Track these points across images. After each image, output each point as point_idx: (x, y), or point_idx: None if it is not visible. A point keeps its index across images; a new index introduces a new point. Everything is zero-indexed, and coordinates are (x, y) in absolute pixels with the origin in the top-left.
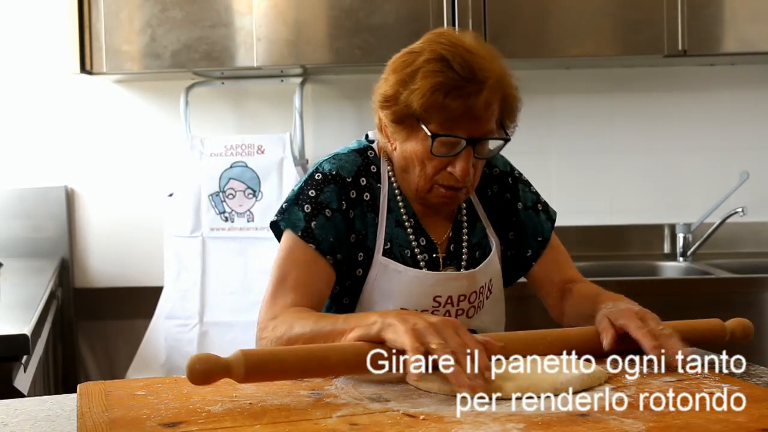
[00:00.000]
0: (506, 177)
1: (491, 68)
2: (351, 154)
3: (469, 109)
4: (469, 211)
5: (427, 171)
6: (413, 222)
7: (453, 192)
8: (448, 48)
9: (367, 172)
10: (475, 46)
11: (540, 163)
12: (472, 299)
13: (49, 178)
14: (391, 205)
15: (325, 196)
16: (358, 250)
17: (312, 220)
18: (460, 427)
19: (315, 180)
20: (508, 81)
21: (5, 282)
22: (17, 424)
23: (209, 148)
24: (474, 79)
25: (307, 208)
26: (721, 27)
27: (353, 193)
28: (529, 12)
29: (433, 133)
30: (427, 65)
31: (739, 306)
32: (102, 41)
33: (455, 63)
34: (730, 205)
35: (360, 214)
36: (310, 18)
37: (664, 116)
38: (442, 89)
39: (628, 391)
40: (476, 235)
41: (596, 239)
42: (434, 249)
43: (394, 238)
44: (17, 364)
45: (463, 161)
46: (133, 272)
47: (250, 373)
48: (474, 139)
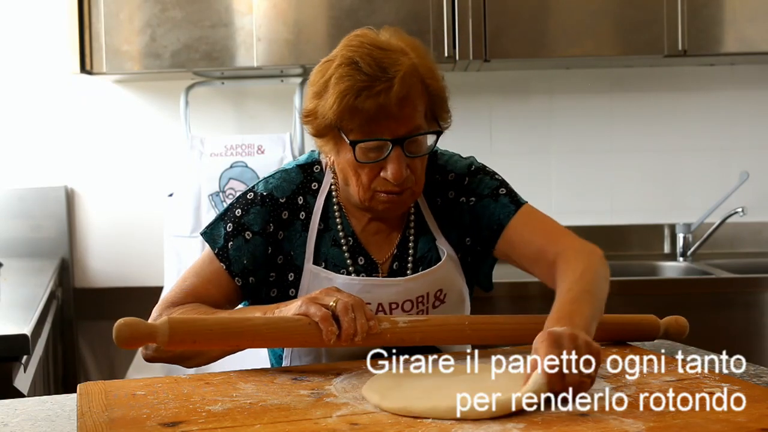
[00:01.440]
0: (462, 179)
1: (402, 61)
2: (293, 171)
3: (382, 108)
4: (417, 224)
5: (363, 180)
6: (351, 241)
7: (395, 196)
8: (357, 49)
9: (305, 191)
10: (387, 42)
11: (540, 163)
12: (406, 307)
13: (49, 178)
14: (330, 223)
15: (249, 218)
16: (288, 271)
17: (230, 240)
18: (460, 427)
19: (246, 199)
20: (425, 71)
21: (5, 282)
22: (17, 424)
23: (209, 148)
24: (383, 77)
25: (229, 227)
26: (721, 27)
27: (285, 213)
28: (529, 12)
29: (352, 140)
30: (337, 71)
31: (739, 306)
32: (102, 41)
33: (363, 63)
34: (730, 205)
35: (291, 234)
36: (310, 18)
37: (664, 116)
38: (351, 92)
39: (628, 391)
40: (422, 248)
41: (596, 239)
42: (375, 268)
43: (329, 258)
44: (17, 364)
45: (393, 164)
46: (133, 272)
47: (174, 340)
48: (399, 138)
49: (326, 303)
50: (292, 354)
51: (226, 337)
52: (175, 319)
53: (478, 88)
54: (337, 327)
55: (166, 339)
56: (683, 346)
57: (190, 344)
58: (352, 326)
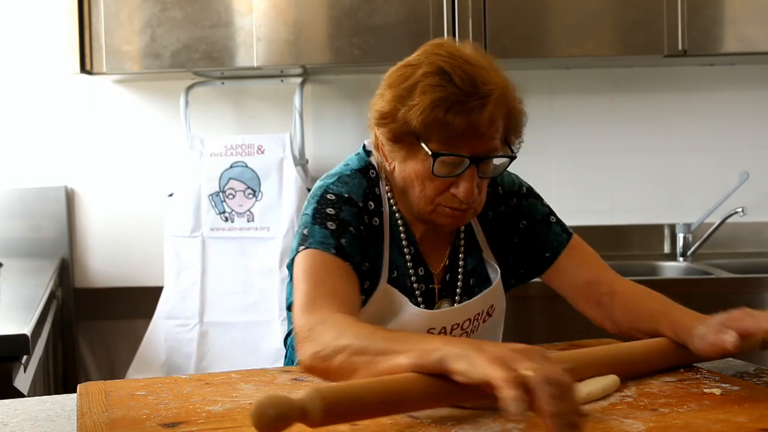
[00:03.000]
0: (512, 197)
1: (494, 81)
2: (356, 176)
3: (472, 125)
4: (467, 236)
5: (428, 192)
6: (413, 250)
7: (459, 212)
8: (448, 60)
9: (372, 196)
10: (475, 58)
11: (540, 163)
12: (465, 326)
13: (49, 178)
14: (394, 231)
15: (345, 215)
16: (366, 279)
17: (341, 237)
18: (460, 427)
19: (328, 200)
20: (512, 94)
21: (5, 282)
22: (17, 424)
23: (209, 148)
24: (477, 94)
25: (331, 225)
26: (721, 27)
27: (366, 218)
28: (529, 12)
29: (434, 152)
30: (426, 79)
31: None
32: (102, 41)
33: (456, 76)
34: (730, 205)
35: (371, 241)
36: (310, 18)
37: (664, 116)
38: (442, 105)
39: (628, 391)
40: (472, 262)
41: (596, 239)
42: (431, 279)
43: (398, 267)
44: (17, 364)
45: (466, 182)
46: (133, 272)
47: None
48: (478, 157)
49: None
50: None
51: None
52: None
53: None
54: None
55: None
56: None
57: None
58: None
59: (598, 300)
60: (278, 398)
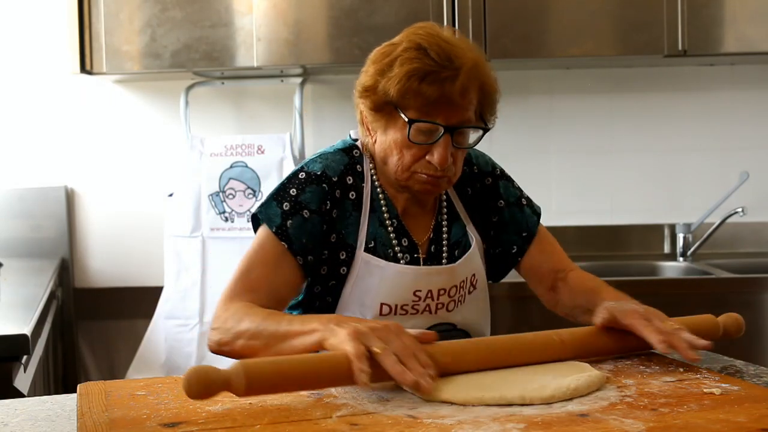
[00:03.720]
0: (486, 176)
1: (468, 56)
2: (337, 153)
3: (445, 95)
4: (449, 210)
5: (405, 160)
6: (395, 222)
7: (433, 179)
8: (425, 38)
9: (353, 171)
10: (452, 38)
11: (540, 163)
12: (452, 293)
13: (49, 178)
14: (375, 204)
15: (306, 196)
16: (340, 249)
17: (288, 219)
18: (460, 427)
19: (298, 179)
20: (485, 70)
21: (5, 282)
22: (17, 424)
23: (209, 148)
24: (450, 66)
25: (286, 206)
26: (721, 27)
27: (338, 192)
28: (529, 12)
29: (410, 119)
30: (405, 53)
31: (738, 306)
32: (102, 41)
33: (432, 51)
34: (730, 205)
35: (343, 213)
36: (310, 18)
37: (664, 116)
38: (417, 74)
39: (628, 391)
40: (456, 234)
41: (596, 239)
42: (415, 249)
43: (377, 237)
44: (17, 364)
45: (441, 149)
46: (133, 272)
47: (251, 388)
48: (452, 126)
49: (371, 346)
50: None
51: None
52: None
53: None
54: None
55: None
56: None
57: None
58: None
59: (554, 285)
60: (206, 369)
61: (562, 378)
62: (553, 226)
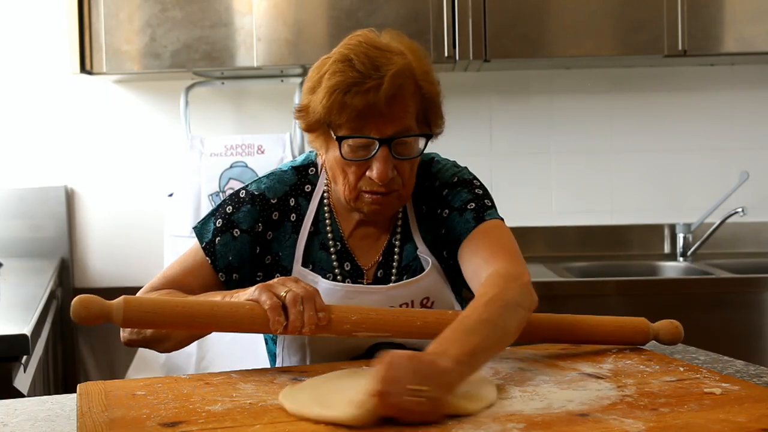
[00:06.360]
0: (443, 188)
1: (396, 61)
2: (287, 173)
3: (371, 105)
4: (402, 230)
5: (350, 179)
6: (339, 245)
7: (380, 197)
8: (354, 47)
9: (298, 192)
10: (386, 44)
11: (540, 163)
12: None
13: (49, 178)
14: (319, 226)
15: (239, 216)
16: (275, 271)
17: (218, 236)
18: (460, 427)
19: (238, 197)
20: (419, 73)
21: (5, 282)
22: (17, 424)
23: (209, 148)
24: (375, 75)
25: (219, 222)
26: (721, 27)
27: (276, 214)
28: (529, 12)
29: (339, 136)
30: (332, 67)
31: (739, 306)
32: (102, 41)
33: (357, 61)
34: (730, 205)
35: (280, 235)
36: (310, 18)
37: (664, 116)
38: (340, 88)
39: (628, 391)
40: (407, 256)
41: (596, 239)
42: (360, 274)
43: (316, 262)
44: (17, 364)
45: (379, 163)
46: (133, 272)
47: (129, 318)
48: (387, 138)
49: (278, 292)
50: (282, 353)
51: (176, 318)
52: (131, 299)
53: (478, 88)
54: (286, 317)
55: (121, 318)
56: (683, 346)
57: (144, 324)
58: (299, 319)
59: (477, 287)
60: (92, 297)
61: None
62: (553, 226)
